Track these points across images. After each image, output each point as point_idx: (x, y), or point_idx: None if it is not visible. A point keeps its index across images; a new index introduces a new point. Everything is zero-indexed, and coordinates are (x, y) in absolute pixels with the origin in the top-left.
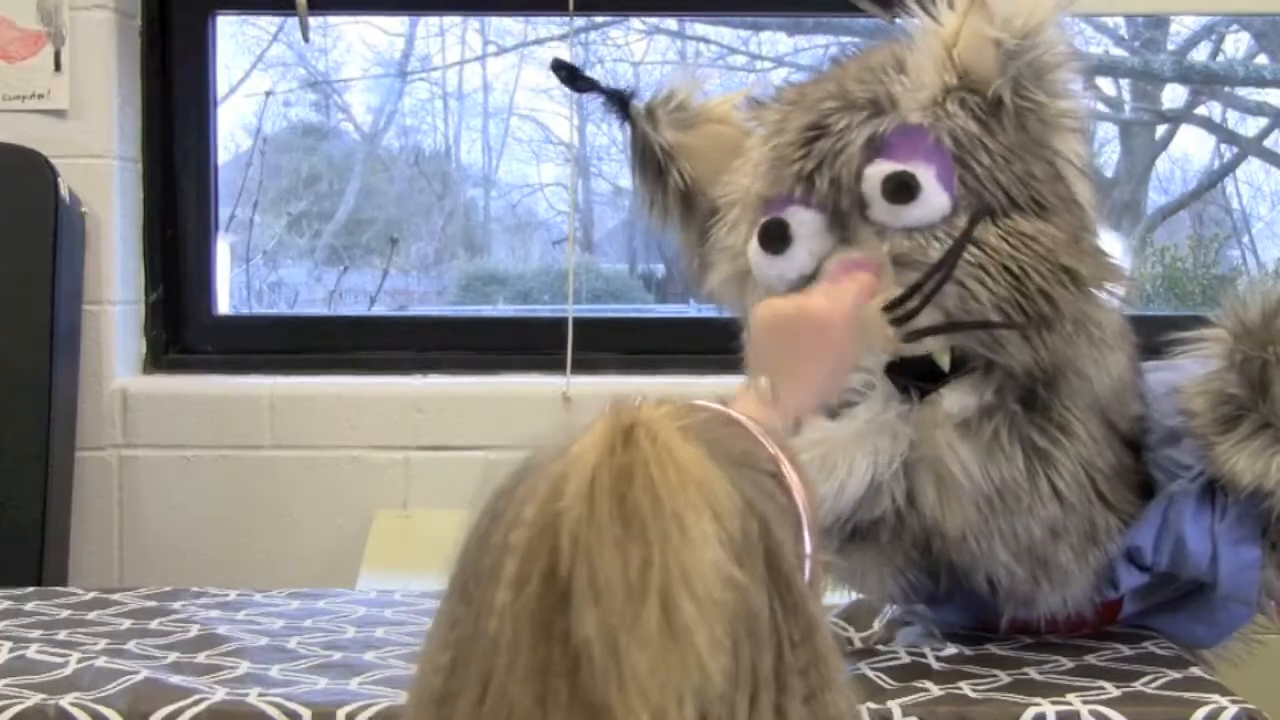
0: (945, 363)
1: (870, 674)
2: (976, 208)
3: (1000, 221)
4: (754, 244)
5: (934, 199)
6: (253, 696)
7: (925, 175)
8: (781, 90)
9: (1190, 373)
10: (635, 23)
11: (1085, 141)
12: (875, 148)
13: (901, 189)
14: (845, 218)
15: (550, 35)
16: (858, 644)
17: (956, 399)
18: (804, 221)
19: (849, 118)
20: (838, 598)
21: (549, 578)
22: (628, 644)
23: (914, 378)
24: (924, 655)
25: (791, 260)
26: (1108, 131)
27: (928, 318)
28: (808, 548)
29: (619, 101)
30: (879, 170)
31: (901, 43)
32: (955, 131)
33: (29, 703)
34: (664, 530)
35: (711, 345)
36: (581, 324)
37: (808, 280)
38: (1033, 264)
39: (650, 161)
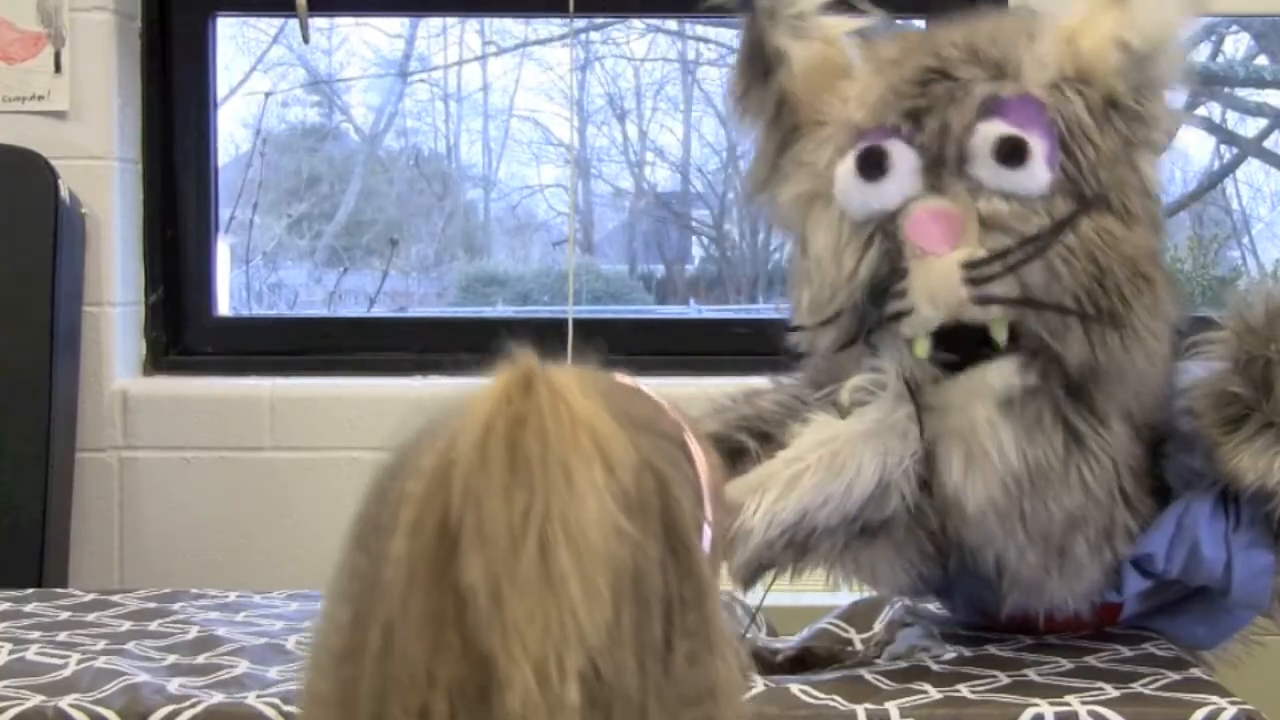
0: (1002, 337)
1: (868, 676)
2: (1073, 195)
3: (1094, 215)
4: (846, 167)
5: (1038, 173)
6: (251, 698)
7: (1037, 146)
8: (899, 31)
9: (1195, 375)
10: (635, 23)
11: (1157, 165)
12: (992, 107)
13: (1015, 152)
14: (942, 166)
15: (550, 36)
16: (858, 645)
17: (1002, 375)
18: (903, 157)
19: (973, 70)
20: (843, 596)
21: (442, 526)
22: (509, 592)
23: (957, 348)
24: (923, 661)
25: (881, 191)
26: None
27: (1004, 287)
28: (708, 514)
29: None
30: (994, 128)
31: (1036, 19)
32: (1070, 117)
33: (28, 704)
34: (549, 477)
35: (711, 346)
36: (581, 325)
37: (889, 217)
38: (1117, 264)
39: (758, 58)
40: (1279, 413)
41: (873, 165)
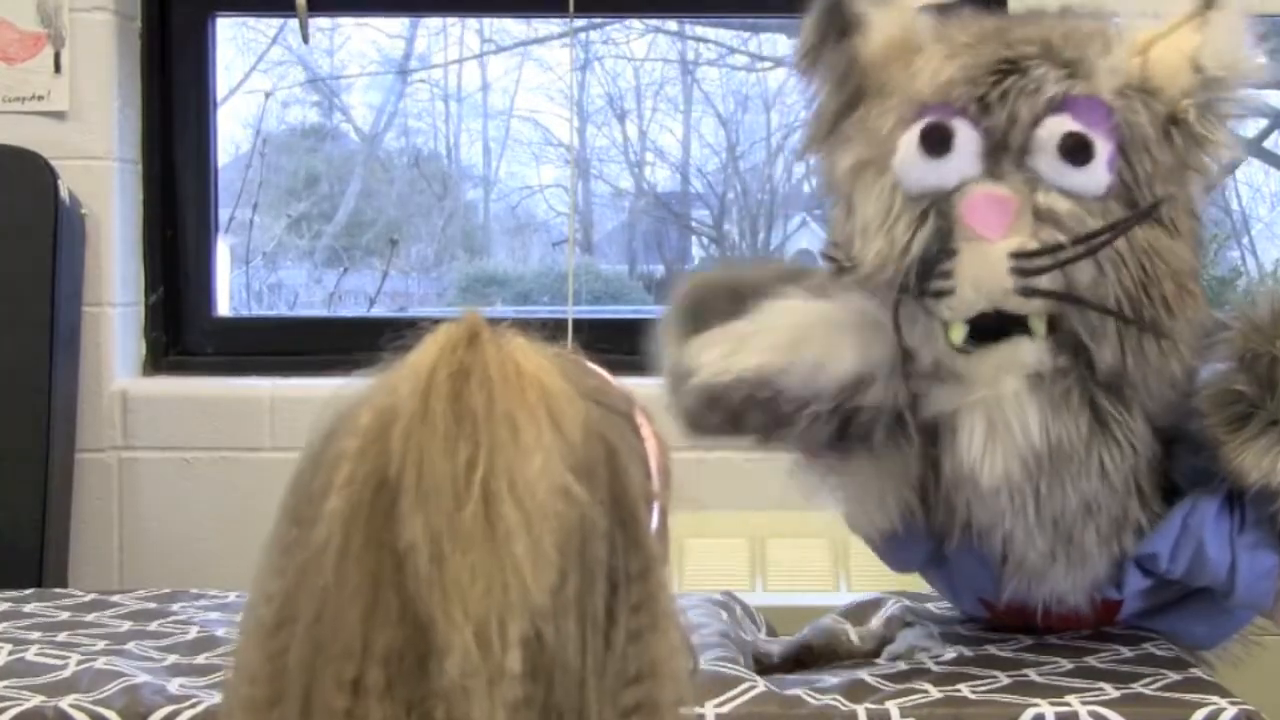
0: (1041, 329)
1: (868, 677)
2: (1127, 202)
3: (1148, 225)
4: (910, 139)
5: (1099, 174)
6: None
7: (1102, 148)
8: (972, 18)
9: (1201, 374)
10: (635, 23)
11: (1205, 192)
12: (1061, 103)
13: (1080, 150)
14: (1004, 152)
15: (550, 35)
16: (856, 641)
17: (1034, 351)
18: (967, 137)
19: (1046, 67)
20: (843, 596)
21: (380, 481)
22: (450, 550)
23: (991, 331)
24: (922, 663)
25: (941, 168)
26: None
27: (1049, 281)
28: (656, 491)
29: None
30: (1062, 123)
31: (1112, 25)
32: (1134, 126)
33: (28, 704)
34: (494, 430)
35: None
36: (581, 325)
37: (944, 195)
38: (1165, 274)
39: (837, 18)
40: None
41: (937, 141)
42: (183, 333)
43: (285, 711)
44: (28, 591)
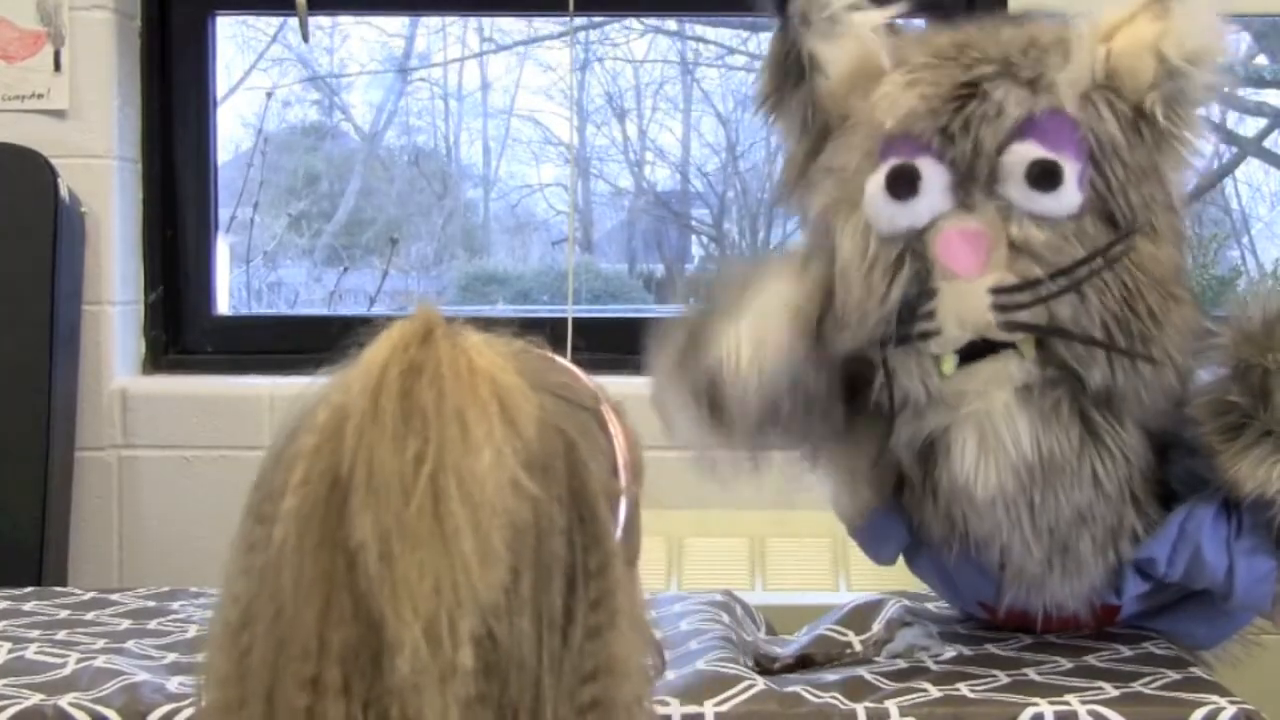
0: (1030, 354)
1: (868, 675)
2: (1103, 216)
3: (1125, 243)
4: (876, 182)
5: (1069, 195)
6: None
7: (1070, 169)
8: (930, 34)
9: (1196, 381)
10: (635, 22)
11: (1185, 181)
12: (1025, 127)
13: (1046, 177)
14: (973, 183)
15: (550, 34)
16: (857, 647)
17: (1022, 365)
18: (934, 175)
19: (1006, 87)
20: (843, 596)
21: (333, 480)
22: (399, 548)
23: (980, 351)
24: (922, 661)
25: (911, 210)
26: None
27: (1032, 315)
28: (623, 484)
29: None
30: (1028, 151)
31: (1070, 26)
32: (1101, 135)
33: (28, 703)
34: (443, 427)
35: None
36: (581, 324)
37: (917, 235)
38: (1147, 286)
39: (792, 65)
40: (1277, 421)
41: (904, 184)
42: (183, 331)
43: (251, 713)
44: (27, 590)
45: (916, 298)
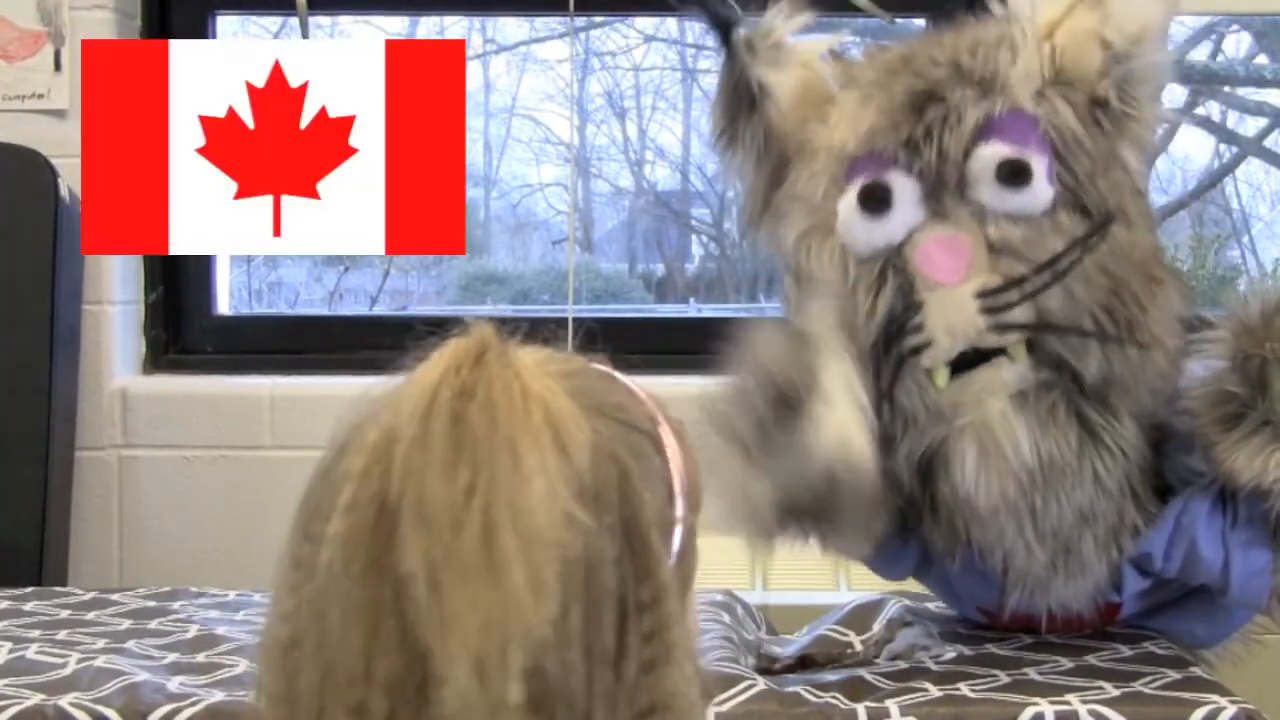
0: (1021, 356)
1: (869, 675)
2: (1075, 206)
3: (1103, 232)
4: (848, 203)
5: (1041, 191)
6: (251, 696)
7: (1038, 165)
8: (874, 51)
9: (1193, 374)
10: (633, 31)
11: (1144, 160)
12: (987, 128)
13: (1017, 174)
14: (943, 190)
15: (550, 33)
16: (858, 647)
17: (1015, 370)
18: (904, 188)
19: (962, 91)
20: (844, 595)
21: (381, 505)
22: (448, 579)
23: (972, 361)
24: (922, 661)
25: (886, 226)
26: None
27: (1021, 314)
28: (679, 512)
29: (722, 27)
30: (994, 152)
31: (1012, 23)
32: (1061, 128)
33: (28, 703)
34: (495, 455)
35: (711, 346)
36: (581, 324)
37: (895, 250)
38: (1129, 272)
39: (742, 94)
40: (1275, 411)
41: (876, 200)
42: (183, 331)
43: None
44: (28, 590)
45: (903, 312)
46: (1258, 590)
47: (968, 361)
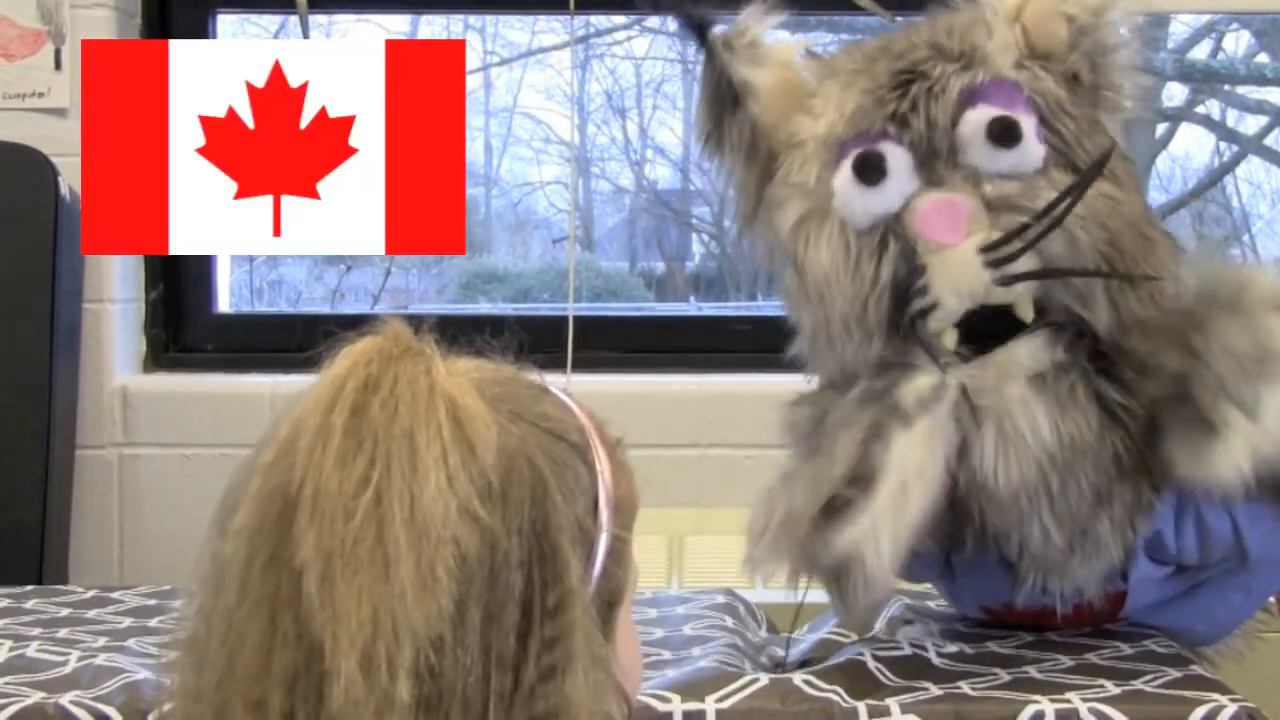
0: (1029, 314)
1: (871, 666)
2: (1067, 166)
3: (1095, 183)
4: (844, 176)
5: (1032, 148)
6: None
7: (1026, 123)
8: (850, 46)
9: None
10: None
11: (1123, 129)
12: (972, 94)
13: (1007, 132)
14: (935, 159)
15: (549, 30)
16: None
17: (1031, 351)
18: (897, 158)
19: (944, 66)
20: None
21: (284, 496)
22: (340, 571)
23: (982, 335)
24: (925, 649)
25: (883, 194)
26: None
27: (1026, 263)
28: (603, 524)
29: (697, 28)
30: (982, 114)
31: (982, 6)
32: (1045, 93)
33: (29, 701)
34: (391, 447)
35: (712, 344)
36: (582, 322)
37: (894, 218)
38: (1123, 228)
39: (725, 93)
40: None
41: (872, 169)
42: (183, 329)
43: None
44: (28, 588)
45: (907, 276)
46: (1278, 545)
47: (976, 328)
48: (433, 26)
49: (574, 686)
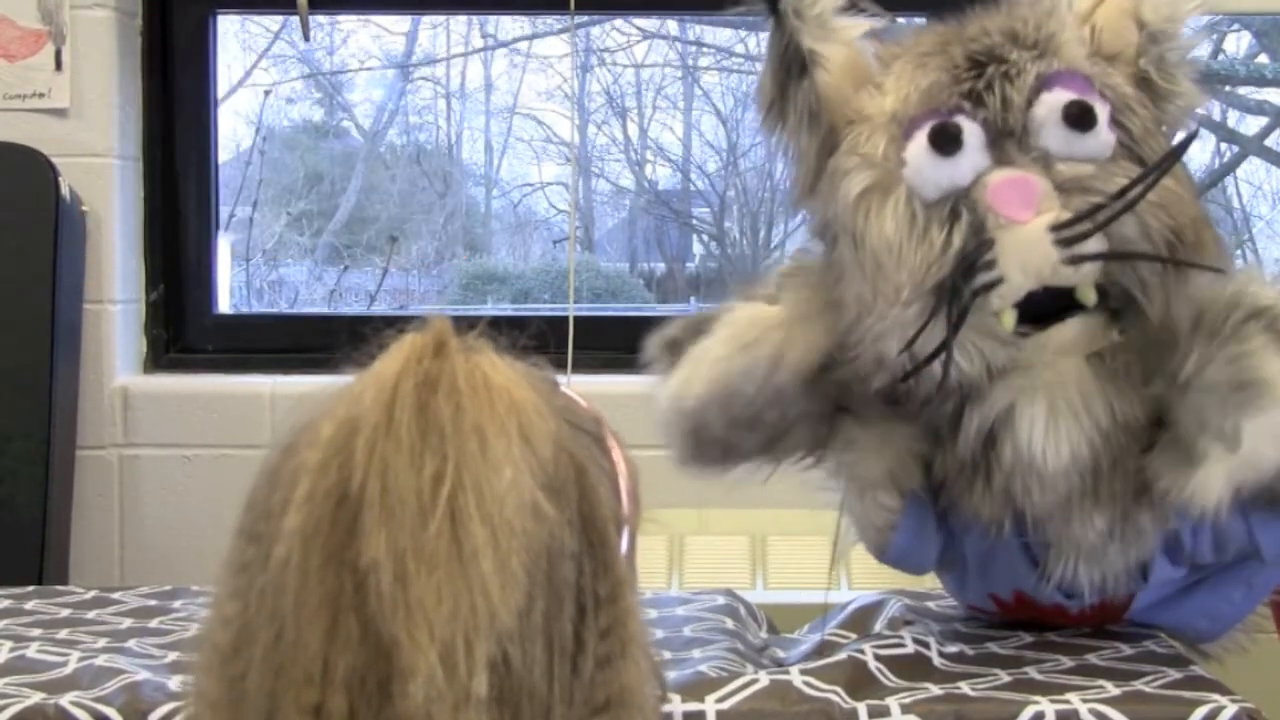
0: (1091, 297)
1: (871, 666)
2: (1134, 159)
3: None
4: (918, 145)
5: (1104, 136)
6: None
7: (1101, 111)
8: (919, 32)
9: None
10: (633, 28)
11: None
12: (1048, 79)
13: (1084, 115)
14: (1007, 139)
15: (550, 30)
16: None
17: (1089, 329)
18: (971, 132)
19: (1019, 52)
20: (844, 595)
21: (341, 496)
22: (415, 568)
23: (1037, 319)
24: (928, 646)
25: (956, 166)
26: None
27: (1095, 244)
28: (625, 514)
29: None
30: (1059, 97)
31: (1055, 4)
32: (1115, 88)
33: (29, 702)
34: (462, 443)
35: None
36: (582, 322)
37: (963, 192)
38: (1187, 221)
39: (791, 61)
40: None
41: (948, 139)
42: (183, 330)
43: None
44: (28, 588)
45: (975, 249)
46: None
47: (1034, 310)
48: (433, 27)
49: (630, 673)
